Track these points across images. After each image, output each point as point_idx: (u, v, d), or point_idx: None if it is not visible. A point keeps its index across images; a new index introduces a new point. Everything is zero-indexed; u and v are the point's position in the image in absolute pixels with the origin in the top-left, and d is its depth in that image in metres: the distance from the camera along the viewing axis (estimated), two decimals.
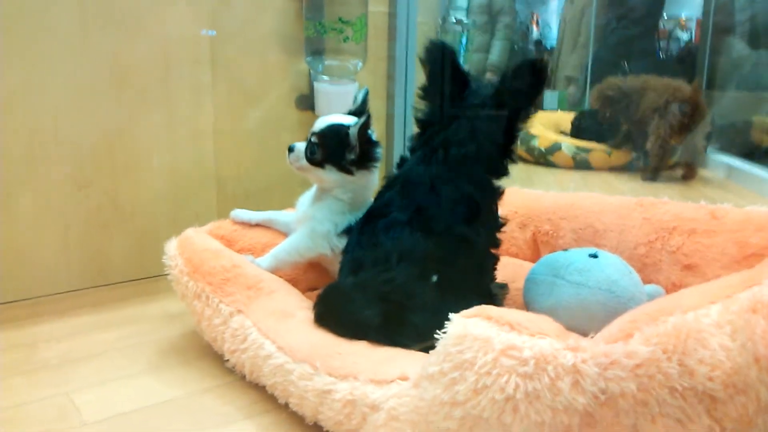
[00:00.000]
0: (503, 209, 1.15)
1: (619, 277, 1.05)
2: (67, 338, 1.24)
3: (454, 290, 0.99)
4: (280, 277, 1.19)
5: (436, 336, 0.74)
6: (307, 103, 1.69)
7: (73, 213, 1.43)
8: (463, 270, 1.04)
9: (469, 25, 2.19)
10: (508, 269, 1.28)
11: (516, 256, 1.44)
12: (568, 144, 2.82)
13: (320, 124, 1.21)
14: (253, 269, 1.16)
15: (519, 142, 2.81)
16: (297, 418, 0.96)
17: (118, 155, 1.46)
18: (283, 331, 1.00)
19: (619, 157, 2.78)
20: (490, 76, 4.52)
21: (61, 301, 1.40)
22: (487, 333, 0.68)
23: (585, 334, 0.72)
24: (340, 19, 1.58)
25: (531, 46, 5.11)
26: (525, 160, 2.89)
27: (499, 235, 1.14)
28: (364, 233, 1.08)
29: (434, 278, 1.00)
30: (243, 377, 1.07)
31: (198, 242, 1.21)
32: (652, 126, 2.55)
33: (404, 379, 0.80)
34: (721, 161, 2.81)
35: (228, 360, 1.08)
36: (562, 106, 4.00)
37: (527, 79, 1.06)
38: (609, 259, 1.08)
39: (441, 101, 1.10)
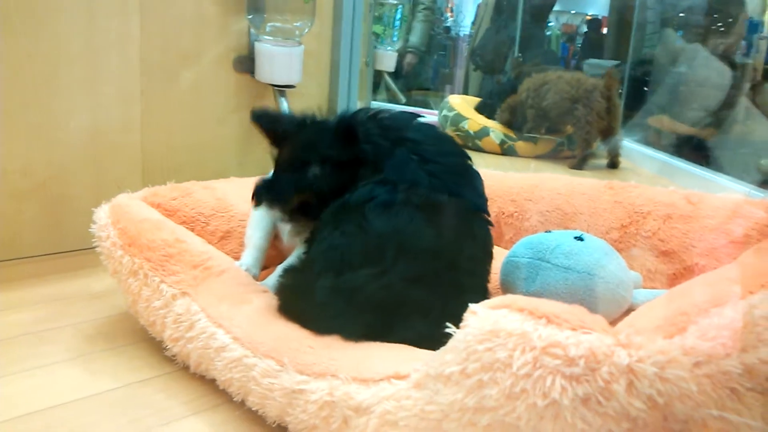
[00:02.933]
0: None
1: (607, 262, 0.98)
2: None
3: (453, 286, 0.85)
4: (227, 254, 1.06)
5: (447, 331, 0.63)
6: (246, 65, 1.55)
7: None
8: (472, 258, 0.91)
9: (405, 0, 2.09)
10: None
11: None
12: (497, 131, 2.79)
13: None
14: (199, 245, 1.02)
15: (448, 122, 2.80)
16: (253, 414, 0.83)
17: (31, 113, 1.28)
18: (239, 320, 0.87)
19: (545, 145, 2.78)
20: (410, 58, 4.51)
21: None
22: (522, 327, 0.57)
23: None
24: None
25: (440, 32, 5.11)
26: None
27: None
28: (344, 217, 0.89)
29: None
30: (186, 367, 0.93)
31: (134, 211, 1.05)
32: (578, 114, 2.56)
33: (399, 378, 0.69)
34: (636, 152, 2.87)
35: (168, 348, 0.94)
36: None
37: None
38: (595, 243, 1.01)
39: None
